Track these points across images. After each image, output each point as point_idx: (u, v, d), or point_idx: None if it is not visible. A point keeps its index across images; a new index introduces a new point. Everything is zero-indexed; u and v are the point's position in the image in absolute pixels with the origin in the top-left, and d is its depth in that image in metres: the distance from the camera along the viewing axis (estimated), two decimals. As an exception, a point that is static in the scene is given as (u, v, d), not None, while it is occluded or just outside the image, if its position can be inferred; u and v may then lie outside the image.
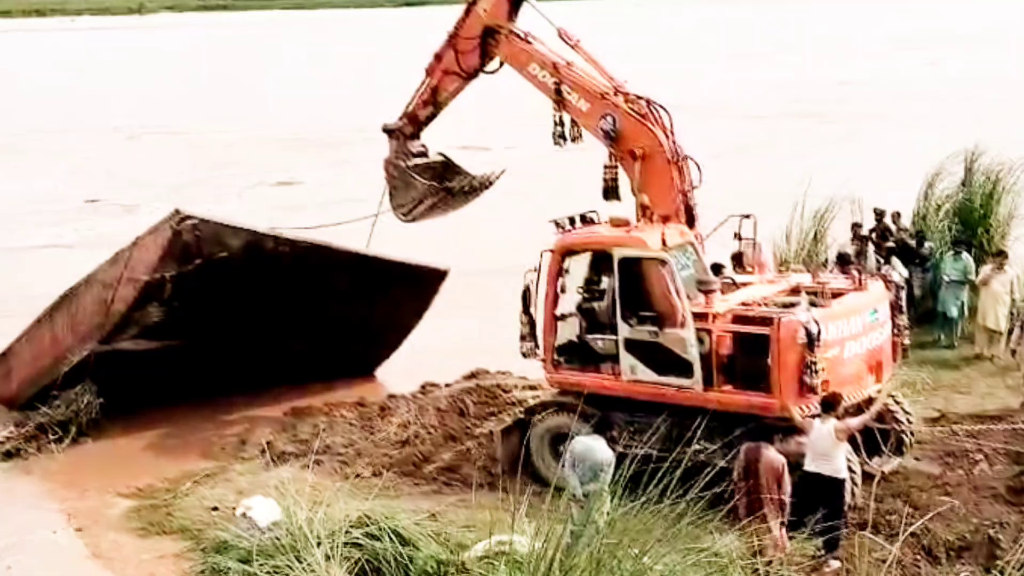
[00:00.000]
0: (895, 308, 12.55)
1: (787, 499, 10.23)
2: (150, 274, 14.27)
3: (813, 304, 11.48)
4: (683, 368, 11.62)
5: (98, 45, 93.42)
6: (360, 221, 15.59)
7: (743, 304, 11.88)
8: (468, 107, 15.39)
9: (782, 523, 10.06)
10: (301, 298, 15.21)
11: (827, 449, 10.43)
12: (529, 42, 13.78)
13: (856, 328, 11.60)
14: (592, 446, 10.05)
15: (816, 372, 11.02)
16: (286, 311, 15.25)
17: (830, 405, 10.57)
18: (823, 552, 10.23)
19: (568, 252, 12.50)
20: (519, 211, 21.55)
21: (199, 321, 14.54)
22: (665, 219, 12.42)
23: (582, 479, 9.60)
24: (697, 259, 12.33)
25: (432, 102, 14.64)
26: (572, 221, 12.62)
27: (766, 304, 11.84)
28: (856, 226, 17.14)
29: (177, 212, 14.30)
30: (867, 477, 11.56)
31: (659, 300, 11.77)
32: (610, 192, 13.21)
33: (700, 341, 11.51)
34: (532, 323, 12.57)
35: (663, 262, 11.67)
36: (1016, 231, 17.99)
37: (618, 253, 11.98)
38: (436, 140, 15.16)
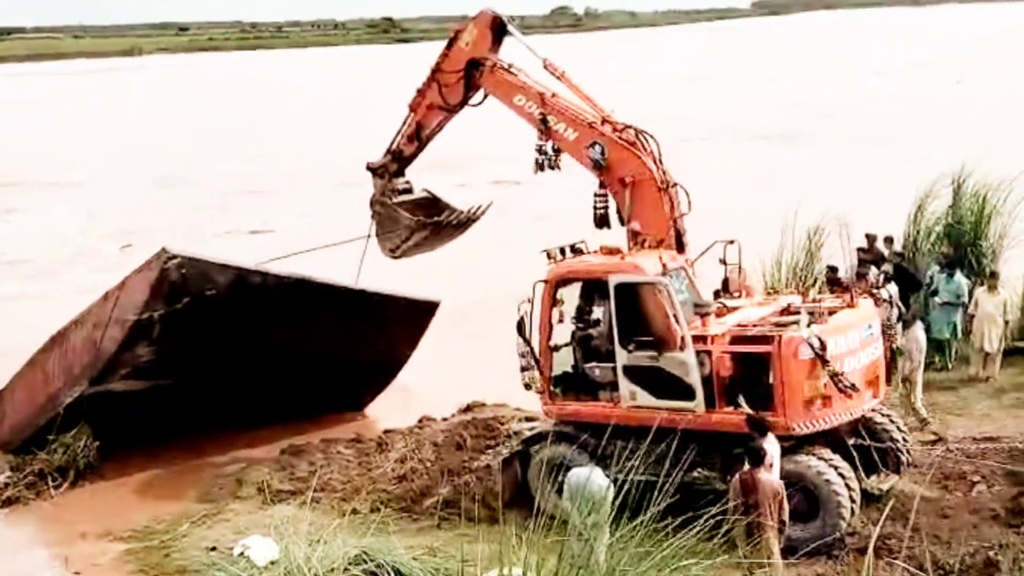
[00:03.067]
0: (885, 328, 12.61)
1: (787, 520, 10.21)
2: (139, 314, 14.28)
3: (811, 321, 11.52)
4: (685, 391, 11.63)
5: (92, 87, 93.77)
6: (352, 252, 15.64)
7: (740, 325, 11.91)
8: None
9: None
10: (291, 333, 15.22)
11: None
12: (514, 73, 13.90)
13: (854, 343, 11.65)
14: (589, 477, 10.04)
15: (841, 380, 11.09)
16: (276, 347, 15.25)
17: (764, 427, 10.62)
18: None
19: (562, 282, 12.53)
20: (511, 241, 21.56)
21: (190, 359, 14.54)
22: (658, 244, 12.48)
23: (581, 511, 9.57)
24: (690, 283, 12.37)
25: (416, 137, 14.73)
26: (563, 251, 12.66)
27: (762, 324, 11.87)
28: (860, 250, 17.22)
29: (164, 251, 14.31)
30: (867, 497, 11.55)
31: (658, 325, 11.77)
32: (602, 220, 13.28)
33: (700, 363, 11.53)
34: (533, 354, 12.57)
35: (662, 287, 11.72)
36: (1007, 252, 18.01)
37: (614, 280, 11.99)
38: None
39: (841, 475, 11.25)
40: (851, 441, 11.94)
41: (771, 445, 10.59)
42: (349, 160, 40.88)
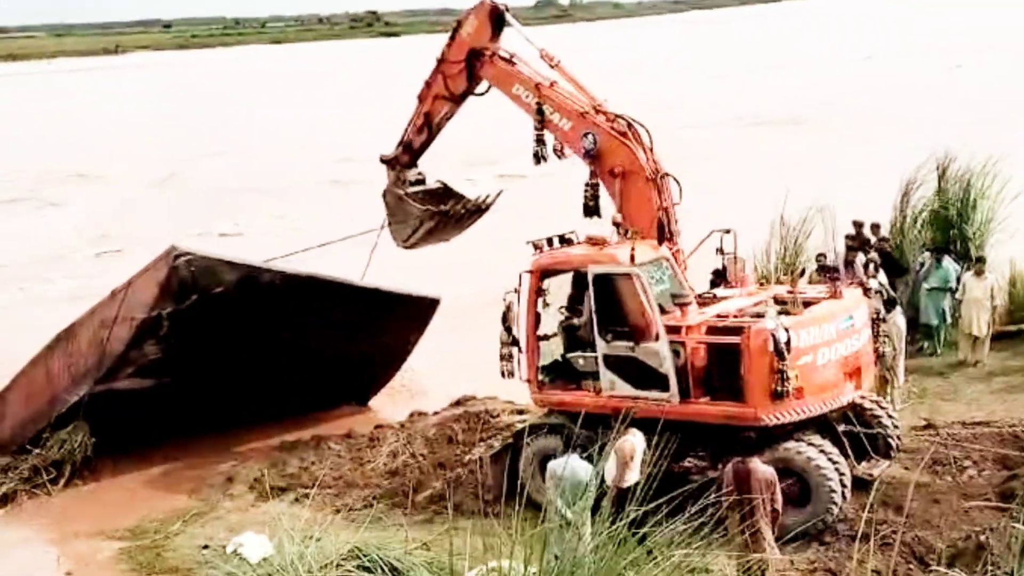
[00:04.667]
0: (875, 320, 12.65)
1: (780, 510, 10.22)
2: (147, 312, 14.28)
3: (785, 312, 11.54)
4: (660, 382, 11.70)
5: (72, 87, 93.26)
6: (356, 250, 15.65)
7: (718, 316, 11.96)
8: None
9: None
10: (297, 331, 15.25)
11: None
12: (513, 63, 13.93)
13: (829, 335, 11.63)
14: (573, 466, 10.05)
15: (787, 379, 11.07)
16: (282, 344, 15.28)
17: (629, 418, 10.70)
18: None
19: (545, 272, 12.59)
20: (511, 235, 21.40)
21: (196, 357, 14.53)
22: (635, 234, 12.51)
23: (568, 501, 9.58)
24: (673, 273, 12.40)
25: (425, 128, 14.77)
26: (550, 242, 12.71)
27: (740, 316, 11.90)
28: (848, 237, 17.27)
29: (173, 248, 14.31)
30: (858, 483, 11.59)
31: (633, 315, 11.88)
32: (590, 210, 13.30)
33: (675, 354, 11.58)
34: (514, 343, 12.61)
35: (634, 277, 11.76)
36: (993, 236, 18.04)
37: (592, 271, 12.09)
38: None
39: (831, 461, 11.29)
40: (841, 427, 11.99)
41: (637, 439, 10.66)
42: (330, 158, 40.44)
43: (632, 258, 11.81)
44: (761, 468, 10.13)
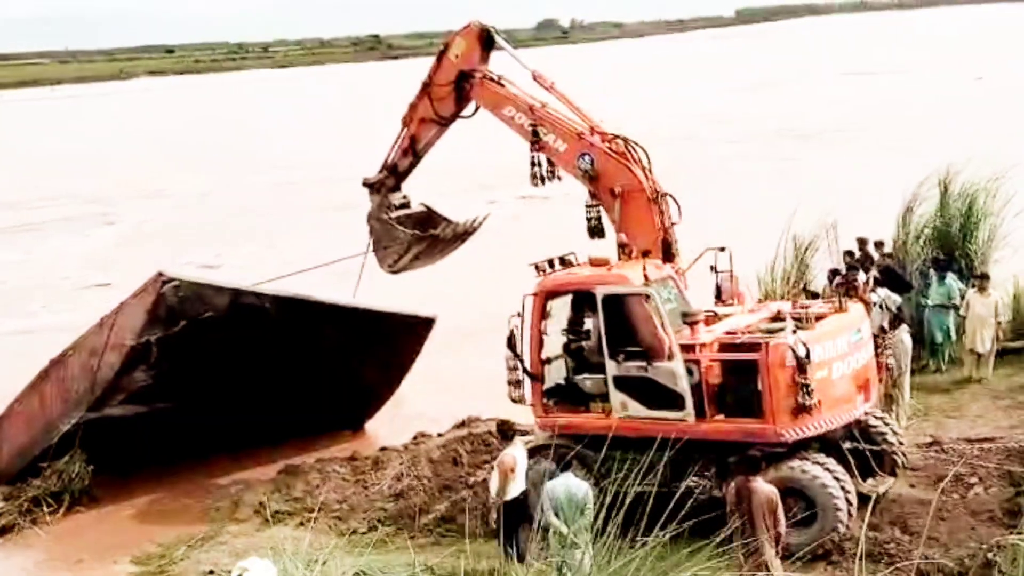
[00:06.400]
0: (878, 334, 12.67)
1: (783, 530, 10.20)
2: (136, 339, 14.26)
3: (798, 327, 11.55)
4: (674, 401, 11.64)
5: (78, 112, 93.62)
6: (344, 273, 15.66)
7: (728, 333, 11.95)
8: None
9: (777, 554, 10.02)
10: (289, 353, 15.22)
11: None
12: (503, 85, 13.96)
13: (842, 348, 11.67)
14: (568, 485, 10.06)
15: (810, 393, 11.07)
16: (274, 367, 15.24)
17: (510, 434, 10.77)
18: None
19: (551, 294, 12.55)
20: (497, 257, 21.42)
21: (187, 383, 14.51)
22: (644, 255, 12.51)
23: (567, 520, 9.58)
24: (678, 292, 12.39)
25: (411, 151, 14.78)
26: (551, 264, 12.67)
27: (751, 332, 11.91)
28: (847, 254, 17.27)
29: (160, 274, 14.29)
30: (864, 501, 11.55)
31: (645, 335, 11.82)
32: (595, 231, 13.32)
33: (689, 372, 11.55)
34: (523, 367, 12.57)
35: (647, 297, 11.75)
36: (996, 253, 18.02)
37: (601, 291, 12.04)
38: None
39: (836, 479, 11.26)
40: (846, 445, 11.97)
41: (518, 452, 10.61)
42: (319, 184, 39.90)
43: (646, 278, 11.80)
44: (763, 488, 10.10)
